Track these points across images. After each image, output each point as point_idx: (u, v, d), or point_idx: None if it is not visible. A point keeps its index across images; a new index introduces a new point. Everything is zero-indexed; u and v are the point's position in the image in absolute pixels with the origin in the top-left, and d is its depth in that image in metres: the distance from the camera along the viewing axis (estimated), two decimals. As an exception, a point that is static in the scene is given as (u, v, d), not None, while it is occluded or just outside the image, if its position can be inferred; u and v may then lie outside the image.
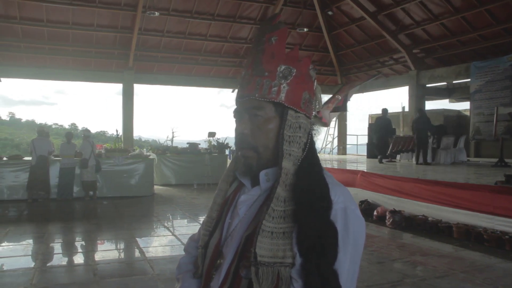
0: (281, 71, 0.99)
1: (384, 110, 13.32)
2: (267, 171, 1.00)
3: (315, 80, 1.06)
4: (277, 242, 0.90)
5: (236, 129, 1.03)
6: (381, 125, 13.18)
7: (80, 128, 43.52)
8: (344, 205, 0.93)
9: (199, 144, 13.49)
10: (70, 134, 9.86)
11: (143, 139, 33.78)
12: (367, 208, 7.27)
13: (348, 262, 0.91)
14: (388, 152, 13.13)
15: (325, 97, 11.79)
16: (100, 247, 5.77)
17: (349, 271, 0.91)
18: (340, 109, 11.44)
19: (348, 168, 10.90)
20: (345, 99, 11.19)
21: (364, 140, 17.68)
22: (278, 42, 1.01)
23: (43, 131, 9.60)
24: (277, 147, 0.99)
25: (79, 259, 5.21)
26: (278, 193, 0.93)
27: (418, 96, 14.62)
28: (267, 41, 1.01)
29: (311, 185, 0.94)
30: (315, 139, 1.05)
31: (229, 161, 12.74)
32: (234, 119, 1.06)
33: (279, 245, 0.90)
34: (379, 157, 12.87)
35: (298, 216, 0.91)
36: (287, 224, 0.92)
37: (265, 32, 1.02)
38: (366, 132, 16.59)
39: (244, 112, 1.02)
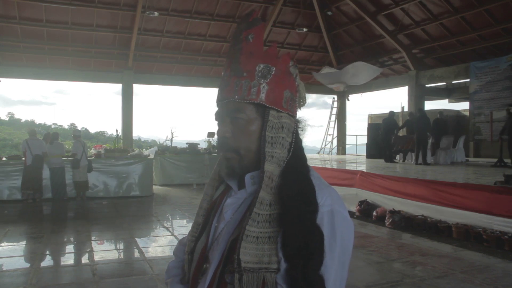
0: (260, 70, 0.96)
1: (390, 113, 13.55)
2: (252, 174, 0.98)
3: (297, 77, 1.02)
4: (262, 247, 0.88)
5: (217, 132, 1.01)
6: (383, 127, 13.37)
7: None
8: (331, 207, 0.91)
9: (199, 144, 13.49)
10: (56, 134, 9.86)
11: (142, 139, 33.80)
12: (366, 208, 7.27)
13: (336, 267, 0.88)
14: (388, 153, 13.19)
15: (325, 97, 11.80)
16: (99, 247, 5.76)
17: (337, 276, 0.89)
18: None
19: (347, 168, 10.90)
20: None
21: (364, 140, 17.70)
22: (255, 40, 0.98)
23: (34, 130, 9.59)
24: (259, 149, 0.96)
25: (78, 259, 5.21)
26: (261, 197, 0.90)
27: (418, 96, 14.62)
28: (244, 39, 0.98)
29: (296, 187, 0.90)
30: (301, 137, 1.02)
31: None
32: (216, 122, 1.04)
33: (264, 250, 0.87)
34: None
35: (284, 220, 0.88)
36: (272, 229, 0.89)
37: (242, 30, 0.99)
38: (365, 132, 16.60)
39: (225, 115, 1.00)
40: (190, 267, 1.05)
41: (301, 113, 1.05)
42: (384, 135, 13.24)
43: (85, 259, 5.13)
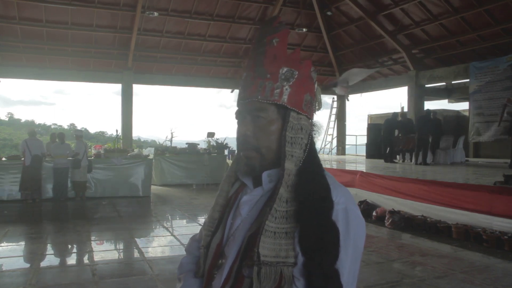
0: (283, 73, 1.00)
1: (394, 114, 13.57)
2: (269, 172, 1.01)
3: (316, 82, 1.07)
4: (279, 242, 0.92)
5: (238, 131, 1.04)
6: (385, 128, 13.38)
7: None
8: (345, 205, 0.95)
9: (198, 144, 13.49)
10: (63, 134, 9.84)
11: (142, 139, 33.79)
12: (366, 208, 7.27)
13: (349, 262, 0.92)
14: (388, 153, 13.18)
15: (325, 98, 11.79)
16: (99, 247, 5.76)
17: (350, 270, 0.93)
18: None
19: (347, 168, 10.90)
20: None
21: (363, 140, 17.68)
22: (280, 44, 1.02)
23: (34, 131, 9.58)
24: (279, 148, 0.99)
25: (78, 259, 5.21)
26: (281, 194, 0.94)
27: (417, 96, 14.60)
28: (268, 43, 1.02)
29: (313, 186, 0.95)
30: (315, 139, 1.06)
31: (228, 161, 12.74)
32: (236, 120, 1.07)
33: (281, 245, 0.92)
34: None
35: (301, 216, 0.93)
36: (289, 224, 0.93)
37: (266, 34, 1.03)
38: (365, 132, 16.59)
39: (246, 114, 1.03)
40: (205, 262, 1.08)
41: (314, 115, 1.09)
42: (385, 136, 13.25)
43: (85, 259, 5.13)
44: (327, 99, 19.60)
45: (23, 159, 9.03)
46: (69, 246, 5.86)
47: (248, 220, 1.01)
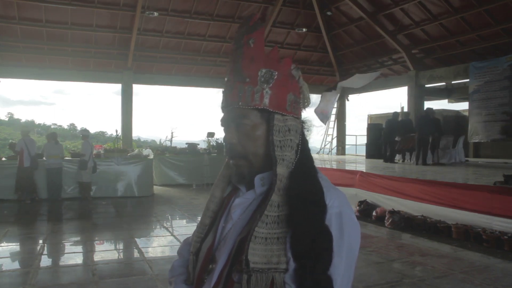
0: (262, 76, 0.96)
1: (394, 114, 13.57)
2: (262, 175, 0.98)
3: (300, 78, 1.02)
4: (271, 248, 0.88)
5: (224, 139, 1.02)
6: (385, 128, 13.37)
7: (79, 128, 43.57)
8: (339, 209, 0.92)
9: (198, 144, 13.50)
10: (55, 134, 9.81)
11: (142, 139, 33.75)
12: (366, 208, 7.27)
13: (343, 267, 0.89)
14: (388, 153, 13.18)
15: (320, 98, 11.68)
16: (99, 247, 5.77)
17: (344, 276, 0.90)
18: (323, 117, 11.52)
19: (347, 168, 10.90)
20: (328, 108, 11.38)
21: (363, 140, 17.68)
22: (256, 45, 0.98)
23: (27, 131, 9.54)
24: (267, 152, 0.96)
25: (78, 259, 5.21)
26: (272, 200, 0.91)
27: (417, 96, 14.60)
28: (246, 44, 0.98)
29: (305, 189, 0.92)
30: (307, 138, 1.03)
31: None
32: (222, 128, 1.04)
33: (273, 250, 0.88)
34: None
35: (292, 221, 0.89)
36: (281, 229, 0.90)
37: (243, 34, 0.99)
38: (365, 132, 16.59)
39: (230, 121, 1.00)
40: (195, 268, 1.05)
41: (302, 113, 1.06)
42: (386, 136, 13.25)
43: (85, 259, 5.13)
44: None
45: (18, 158, 9.02)
46: (69, 246, 5.87)
47: (239, 223, 0.98)
